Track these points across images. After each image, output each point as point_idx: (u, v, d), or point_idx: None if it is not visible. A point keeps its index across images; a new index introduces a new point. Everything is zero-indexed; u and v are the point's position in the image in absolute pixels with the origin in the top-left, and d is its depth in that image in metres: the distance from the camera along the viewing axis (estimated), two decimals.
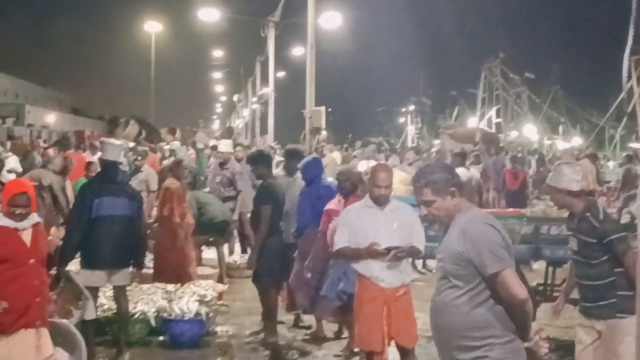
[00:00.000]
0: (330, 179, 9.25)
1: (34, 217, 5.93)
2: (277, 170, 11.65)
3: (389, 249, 6.10)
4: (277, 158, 16.47)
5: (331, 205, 7.97)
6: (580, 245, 5.87)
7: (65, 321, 6.58)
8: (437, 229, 4.45)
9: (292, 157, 9.78)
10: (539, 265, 9.43)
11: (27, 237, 5.83)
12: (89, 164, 11.88)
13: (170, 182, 10.55)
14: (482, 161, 19.00)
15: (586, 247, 5.82)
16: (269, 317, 8.91)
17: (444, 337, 4.23)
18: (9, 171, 14.06)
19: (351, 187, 8.03)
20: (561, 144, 45.39)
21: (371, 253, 6.21)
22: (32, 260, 5.82)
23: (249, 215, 10.57)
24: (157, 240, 10.63)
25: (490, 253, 3.95)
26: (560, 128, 57.12)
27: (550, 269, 8.94)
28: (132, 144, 14.88)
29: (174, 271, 9.89)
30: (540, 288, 9.05)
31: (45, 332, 5.95)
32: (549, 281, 8.99)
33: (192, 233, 10.73)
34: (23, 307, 5.74)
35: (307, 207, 8.70)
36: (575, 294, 6.31)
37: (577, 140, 46.43)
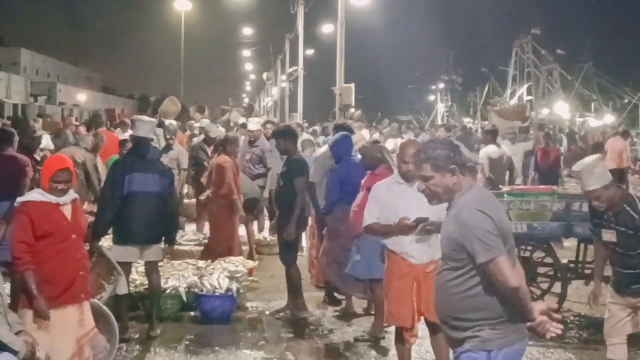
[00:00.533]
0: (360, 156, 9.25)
1: (72, 193, 6.02)
2: (325, 149, 11.64)
3: (418, 221, 6.08)
4: (305, 136, 16.40)
5: (363, 181, 7.98)
6: (619, 237, 5.94)
7: (95, 301, 6.65)
8: (434, 205, 4.34)
9: (341, 132, 9.85)
10: (571, 243, 9.38)
11: (68, 212, 5.92)
12: (124, 141, 11.95)
13: (224, 160, 10.81)
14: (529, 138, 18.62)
15: (626, 239, 5.91)
16: (296, 292, 8.98)
17: (440, 316, 4.27)
18: (42, 150, 14.18)
19: (370, 161, 8.03)
20: (593, 122, 44.89)
21: (402, 228, 6.19)
22: (74, 235, 5.92)
23: None
24: (213, 218, 10.98)
25: (480, 241, 3.88)
26: (593, 105, 56.50)
27: (582, 246, 8.90)
28: (168, 122, 14.76)
29: (225, 246, 10.37)
30: (572, 265, 9.02)
31: (87, 306, 6.05)
32: (580, 258, 8.95)
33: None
34: (68, 281, 5.84)
35: (336, 184, 8.72)
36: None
37: (609, 118, 45.91)
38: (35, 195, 5.91)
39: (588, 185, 5.94)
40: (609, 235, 6.01)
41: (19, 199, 6.01)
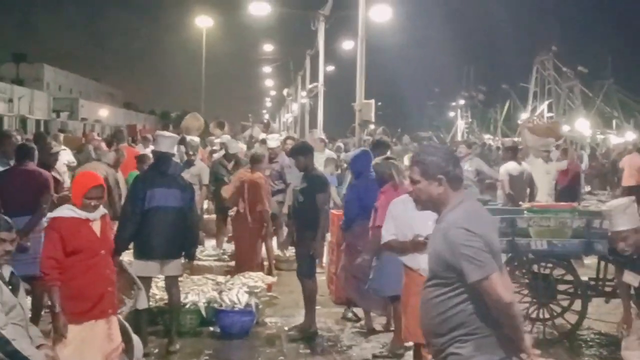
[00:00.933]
0: None
1: (101, 209, 6.06)
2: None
3: (430, 238, 6.07)
4: (327, 152, 16.39)
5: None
6: None
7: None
8: (418, 210, 4.25)
9: (379, 148, 10.02)
10: (591, 260, 9.32)
11: (97, 227, 5.96)
12: (141, 157, 12.01)
13: (257, 177, 11.22)
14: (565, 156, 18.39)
15: None
16: (310, 305, 8.98)
17: (423, 331, 4.18)
18: (70, 167, 14.30)
19: (379, 177, 8.05)
20: (614, 139, 44.60)
21: (416, 245, 6.21)
22: (103, 251, 5.96)
23: None
24: (246, 232, 11.15)
25: (471, 260, 3.77)
26: (614, 122, 56.11)
27: (602, 263, 8.84)
28: (190, 137, 14.77)
29: (256, 260, 10.85)
30: (592, 283, 8.95)
31: (115, 321, 6.09)
32: (600, 276, 8.89)
33: None
34: (97, 296, 5.88)
35: (354, 200, 8.72)
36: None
37: (630, 135, 45.56)
38: (66, 211, 5.93)
39: (617, 224, 5.88)
40: (630, 278, 5.95)
41: (49, 214, 6.04)
